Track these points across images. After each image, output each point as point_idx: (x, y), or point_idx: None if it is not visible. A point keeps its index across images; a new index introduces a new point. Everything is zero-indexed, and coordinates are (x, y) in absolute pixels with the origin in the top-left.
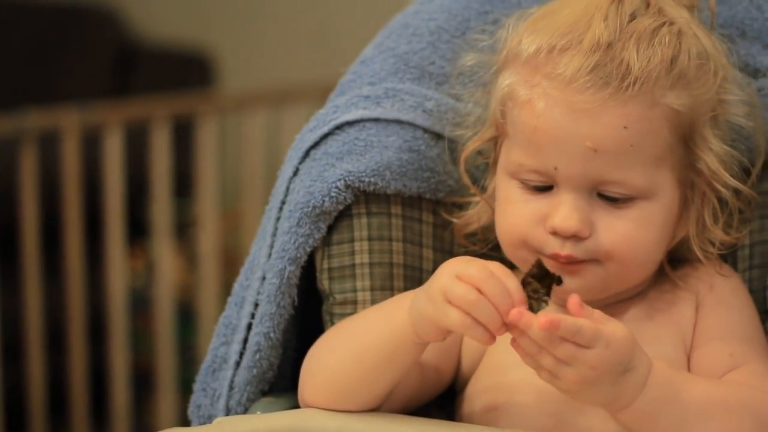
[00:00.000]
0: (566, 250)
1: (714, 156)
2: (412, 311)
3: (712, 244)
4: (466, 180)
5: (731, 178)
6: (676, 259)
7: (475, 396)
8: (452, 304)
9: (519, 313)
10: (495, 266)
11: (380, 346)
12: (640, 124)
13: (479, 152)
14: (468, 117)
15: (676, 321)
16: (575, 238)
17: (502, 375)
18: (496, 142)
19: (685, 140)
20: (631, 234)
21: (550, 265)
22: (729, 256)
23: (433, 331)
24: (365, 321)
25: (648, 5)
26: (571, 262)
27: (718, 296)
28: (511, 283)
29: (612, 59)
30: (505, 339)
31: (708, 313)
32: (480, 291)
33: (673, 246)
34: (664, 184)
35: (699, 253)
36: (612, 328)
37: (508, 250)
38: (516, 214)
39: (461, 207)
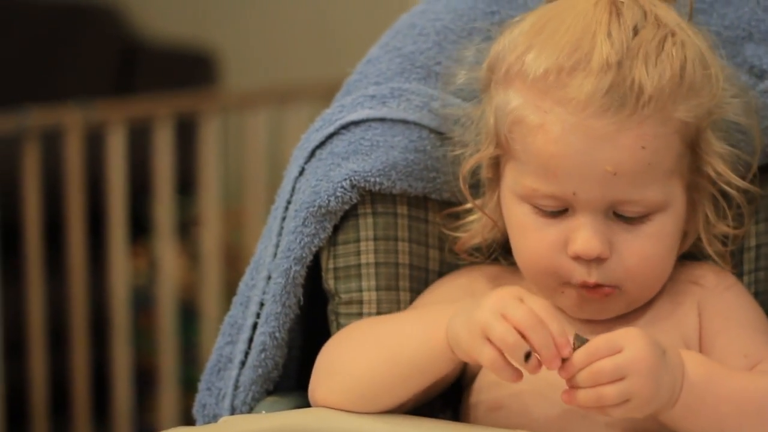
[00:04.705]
0: (593, 277)
1: (718, 158)
2: (450, 331)
3: (720, 241)
4: (468, 197)
5: (737, 178)
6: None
7: (481, 393)
8: (489, 341)
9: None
10: (541, 308)
11: (415, 359)
12: (656, 142)
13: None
14: (468, 125)
15: (678, 325)
16: (598, 260)
17: None
18: (497, 159)
19: (692, 147)
20: (650, 250)
21: (579, 293)
22: (735, 258)
23: (465, 357)
24: (397, 331)
25: (645, 14)
26: (598, 289)
27: (719, 298)
28: (556, 326)
29: (624, 79)
30: None
31: (713, 317)
32: (524, 336)
33: (684, 250)
34: (676, 193)
35: (710, 251)
36: (623, 341)
37: (531, 277)
38: (536, 241)
39: (458, 217)
